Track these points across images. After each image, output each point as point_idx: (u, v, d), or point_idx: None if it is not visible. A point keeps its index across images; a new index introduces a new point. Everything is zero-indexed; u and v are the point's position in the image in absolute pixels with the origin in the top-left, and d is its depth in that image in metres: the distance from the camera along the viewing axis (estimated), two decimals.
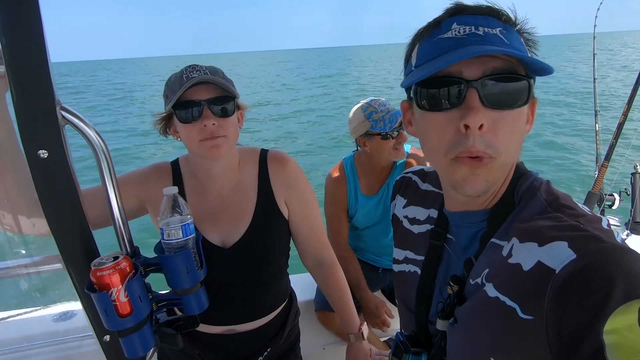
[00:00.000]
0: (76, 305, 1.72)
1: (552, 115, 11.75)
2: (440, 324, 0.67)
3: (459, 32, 0.56)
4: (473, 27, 0.56)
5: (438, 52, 0.57)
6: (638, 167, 2.13)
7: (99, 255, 0.71)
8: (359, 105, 1.72)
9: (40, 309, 1.70)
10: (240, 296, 1.14)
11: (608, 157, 2.08)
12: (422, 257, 0.77)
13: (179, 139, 1.07)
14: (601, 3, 2.41)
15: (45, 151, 0.64)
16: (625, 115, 2.05)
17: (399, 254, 0.85)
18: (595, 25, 2.41)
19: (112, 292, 0.66)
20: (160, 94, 1.09)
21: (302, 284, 1.83)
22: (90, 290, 0.67)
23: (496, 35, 0.55)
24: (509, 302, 0.54)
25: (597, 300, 0.46)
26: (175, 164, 1.15)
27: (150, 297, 0.77)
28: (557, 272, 0.49)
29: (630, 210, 2.04)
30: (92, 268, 0.66)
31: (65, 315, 1.68)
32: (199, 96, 0.98)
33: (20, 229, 0.81)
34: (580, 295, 0.48)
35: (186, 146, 1.06)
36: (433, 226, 0.76)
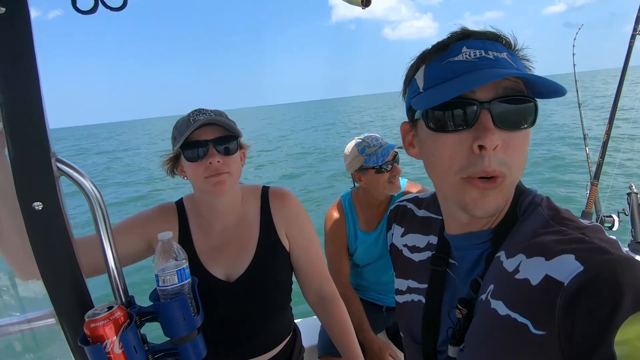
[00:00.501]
0: None
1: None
2: (452, 350, 0.66)
3: (469, 56, 0.58)
4: (483, 51, 0.58)
5: (451, 75, 0.58)
6: (633, 187, 2.14)
7: (93, 306, 0.69)
8: (353, 141, 1.76)
9: None
10: (245, 330, 1.16)
11: (597, 175, 2.11)
12: (425, 285, 0.76)
13: (185, 177, 1.14)
14: (577, 33, 2.54)
15: (40, 203, 0.65)
16: (607, 134, 2.11)
17: (401, 284, 0.83)
18: (573, 54, 2.53)
19: (106, 343, 0.64)
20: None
21: (306, 328, 1.77)
22: (83, 343, 0.65)
23: (504, 59, 0.57)
24: (520, 319, 0.53)
25: (607, 311, 0.46)
26: (179, 204, 1.20)
27: (146, 348, 0.74)
28: (565, 284, 0.49)
29: (631, 231, 2.03)
30: (86, 320, 0.65)
31: None
32: (205, 136, 1.06)
33: (24, 277, 0.83)
34: (589, 306, 0.47)
35: (192, 183, 1.12)
36: (434, 252, 0.76)
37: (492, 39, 0.59)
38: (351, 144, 1.76)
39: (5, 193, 0.73)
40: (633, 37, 2.08)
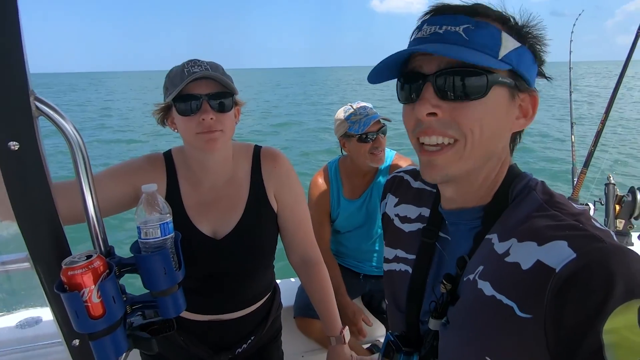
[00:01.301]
0: (42, 312, 1.65)
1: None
2: (433, 324, 0.67)
3: (425, 33, 0.60)
4: (437, 27, 0.58)
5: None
6: (611, 178, 2.21)
7: (71, 254, 0.67)
8: (344, 107, 1.75)
9: (3, 314, 1.61)
10: (227, 286, 1.17)
11: (587, 163, 2.15)
12: (413, 256, 0.77)
13: (175, 130, 1.10)
14: (576, 20, 2.51)
15: (17, 143, 0.61)
16: (603, 123, 2.14)
17: (389, 252, 0.84)
18: (571, 41, 2.51)
19: (83, 292, 0.63)
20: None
21: (283, 289, 1.81)
22: (60, 290, 0.63)
23: (456, 32, 0.57)
24: (505, 301, 0.55)
25: (597, 300, 0.47)
26: (168, 155, 1.17)
27: (125, 298, 0.73)
28: (557, 270, 0.50)
29: (605, 220, 2.11)
30: (63, 267, 0.63)
31: (31, 322, 1.60)
32: (199, 90, 1.01)
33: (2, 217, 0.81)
34: (580, 294, 0.48)
35: (183, 138, 1.09)
36: (425, 225, 0.76)
37: (460, 12, 0.58)
38: (341, 110, 1.75)
39: None
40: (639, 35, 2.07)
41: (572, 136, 2.38)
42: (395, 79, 0.65)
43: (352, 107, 1.72)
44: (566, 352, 0.49)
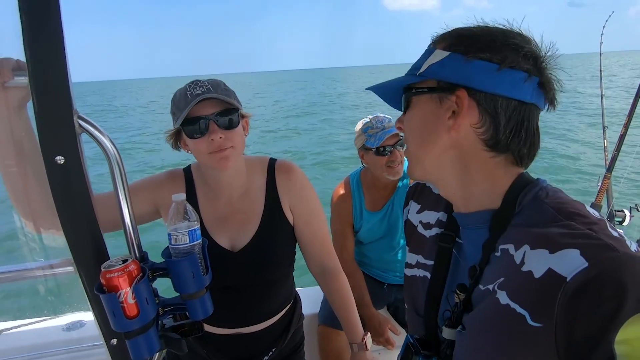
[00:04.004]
0: (85, 316, 1.75)
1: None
2: (447, 332, 0.68)
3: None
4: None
5: None
6: None
7: (109, 259, 0.73)
8: (363, 119, 1.77)
9: (51, 318, 1.73)
10: (246, 298, 1.20)
11: (610, 168, 2.07)
12: (431, 262, 0.78)
13: (189, 151, 1.13)
14: (607, 21, 2.43)
15: (62, 157, 0.68)
16: (626, 126, 2.05)
17: (411, 258, 0.86)
18: (601, 43, 2.43)
19: (120, 293, 0.68)
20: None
21: (308, 297, 1.83)
22: (99, 291, 0.69)
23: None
24: (519, 310, 0.55)
25: (609, 310, 0.46)
26: (187, 171, 1.22)
27: (157, 301, 0.78)
28: (568, 279, 0.49)
29: None
30: (102, 270, 0.69)
31: (76, 325, 1.71)
32: (204, 112, 1.03)
33: (41, 230, 0.87)
34: (591, 304, 0.48)
35: (196, 158, 1.12)
36: (442, 229, 0.77)
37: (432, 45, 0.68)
38: (360, 122, 1.78)
39: (27, 146, 0.77)
40: None
41: (605, 140, 2.29)
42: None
43: (370, 119, 1.73)
44: None
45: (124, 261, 0.71)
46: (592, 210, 0.59)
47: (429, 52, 0.67)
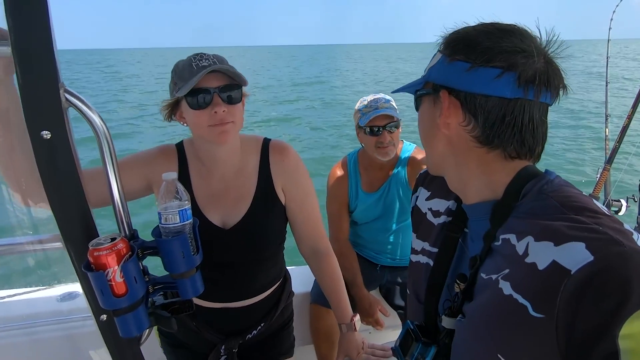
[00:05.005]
0: (79, 287, 1.76)
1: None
2: (447, 322, 0.68)
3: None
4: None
5: None
6: None
7: (98, 236, 0.72)
8: (364, 97, 1.74)
9: (45, 288, 1.74)
10: (237, 275, 1.22)
11: (610, 160, 2.06)
12: (436, 250, 0.78)
13: (184, 124, 1.12)
14: (617, 5, 2.36)
15: (48, 132, 0.66)
16: (630, 118, 2.03)
17: (417, 244, 0.86)
18: (610, 29, 2.37)
19: (108, 272, 0.68)
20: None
21: (300, 275, 1.84)
22: (87, 269, 0.69)
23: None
24: (521, 300, 0.55)
25: (613, 304, 0.46)
26: (180, 147, 1.21)
27: (147, 279, 0.78)
28: (572, 272, 0.49)
29: (637, 217, 2.01)
30: (90, 248, 0.68)
31: (69, 296, 1.73)
32: (210, 84, 1.03)
33: (30, 203, 0.87)
34: (595, 297, 0.48)
35: (193, 131, 1.12)
36: (451, 218, 0.78)
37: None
38: (360, 100, 1.75)
39: (14, 118, 0.75)
40: None
41: (606, 129, 2.25)
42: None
43: (367, 99, 1.72)
44: (579, 355, 0.49)
45: (113, 239, 0.70)
46: (599, 205, 0.59)
47: (433, 55, 0.71)
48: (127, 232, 0.77)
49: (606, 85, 2.42)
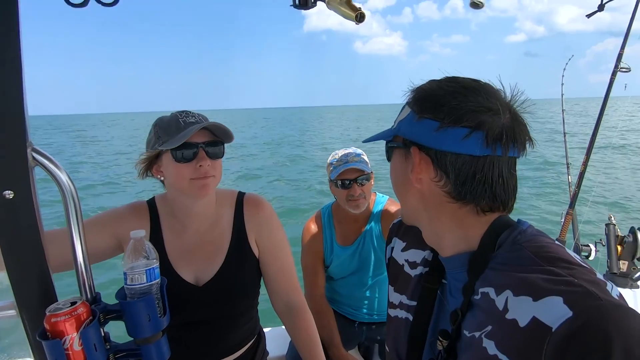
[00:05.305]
0: None
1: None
2: None
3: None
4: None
5: None
6: (612, 218, 2.19)
7: (57, 301, 0.68)
8: (335, 152, 1.78)
9: None
10: (209, 333, 1.17)
11: (572, 204, 2.15)
12: (414, 303, 0.76)
13: (160, 178, 1.14)
14: (567, 63, 2.61)
15: (12, 192, 0.64)
16: (585, 164, 2.16)
17: (395, 297, 0.84)
18: (562, 84, 2.59)
19: (65, 339, 0.63)
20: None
21: (275, 337, 1.76)
22: (42, 338, 0.64)
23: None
24: None
25: None
26: (151, 203, 1.20)
27: (108, 347, 0.73)
28: (553, 330, 0.49)
29: (607, 262, 2.07)
30: (47, 314, 0.64)
31: None
32: (196, 139, 1.07)
33: None
34: (578, 356, 0.47)
35: (172, 184, 1.12)
36: (427, 269, 0.76)
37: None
38: (332, 154, 1.78)
39: None
40: (614, 73, 2.16)
41: (569, 177, 2.39)
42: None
43: (337, 153, 1.75)
44: None
45: (73, 303, 0.66)
46: (572, 253, 0.60)
47: (402, 108, 0.71)
48: (90, 295, 0.73)
49: (564, 136, 2.60)
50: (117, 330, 0.80)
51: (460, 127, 0.61)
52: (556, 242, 0.63)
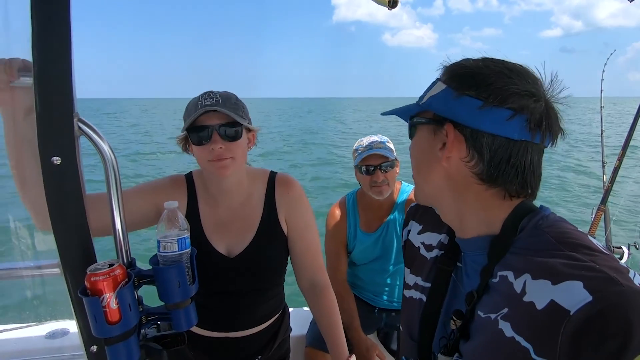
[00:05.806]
0: (68, 324, 1.72)
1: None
2: None
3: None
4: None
5: None
6: None
7: (96, 262, 0.73)
8: (362, 138, 1.79)
9: (34, 324, 1.70)
10: (237, 304, 1.23)
11: (604, 201, 2.07)
12: (428, 284, 0.77)
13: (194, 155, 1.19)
14: (608, 58, 2.50)
15: (59, 158, 0.69)
16: (620, 160, 2.08)
17: (410, 279, 0.85)
18: (602, 80, 2.49)
19: (103, 297, 0.67)
20: None
21: (296, 317, 1.80)
22: (83, 294, 0.68)
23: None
24: (523, 343, 0.54)
25: (615, 347, 0.46)
26: (189, 177, 1.26)
27: (141, 309, 0.77)
28: (571, 313, 0.49)
29: None
30: (87, 273, 0.68)
31: (58, 333, 1.68)
32: (210, 121, 1.09)
33: (42, 227, 0.88)
34: (596, 340, 0.47)
35: (198, 164, 1.18)
36: (443, 252, 0.77)
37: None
38: (357, 141, 1.79)
39: (31, 145, 0.78)
40: None
41: (604, 176, 2.30)
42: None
43: (363, 139, 1.76)
44: None
45: (110, 265, 0.71)
46: (594, 241, 0.59)
47: (433, 84, 0.69)
48: (125, 260, 0.78)
49: (601, 133, 2.50)
50: (148, 300, 0.84)
51: (505, 109, 0.60)
52: (579, 230, 0.62)
